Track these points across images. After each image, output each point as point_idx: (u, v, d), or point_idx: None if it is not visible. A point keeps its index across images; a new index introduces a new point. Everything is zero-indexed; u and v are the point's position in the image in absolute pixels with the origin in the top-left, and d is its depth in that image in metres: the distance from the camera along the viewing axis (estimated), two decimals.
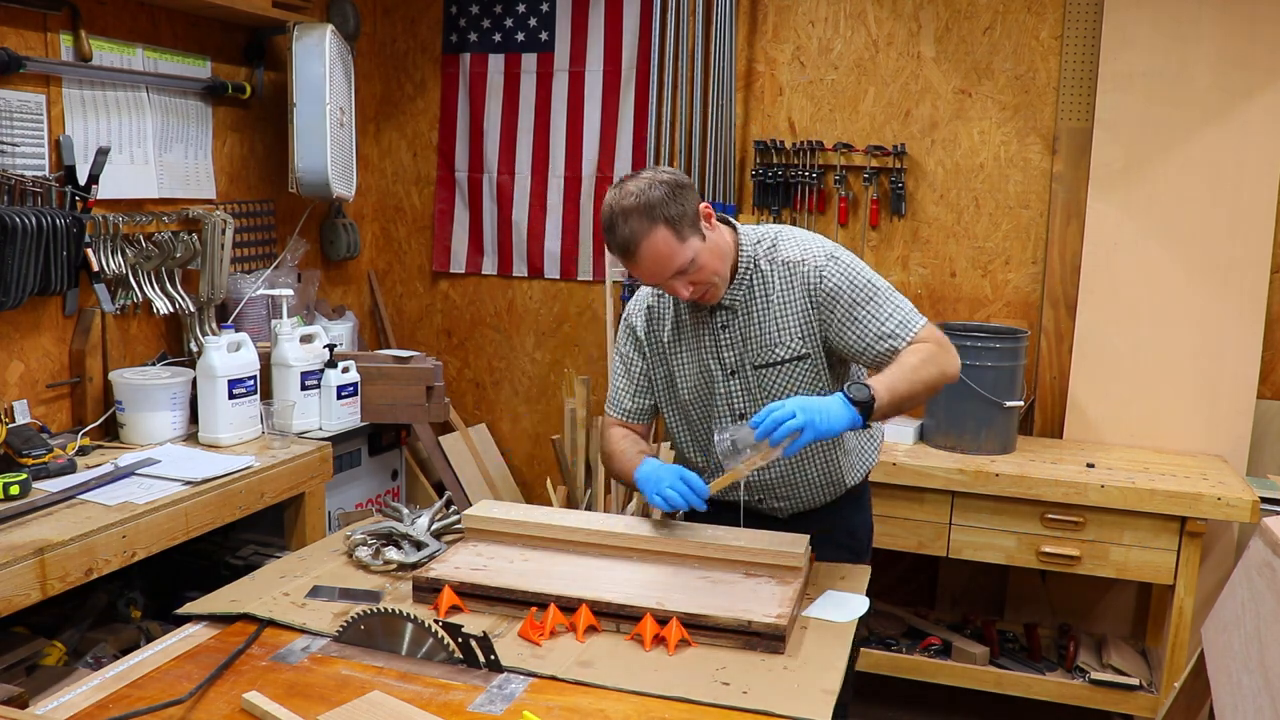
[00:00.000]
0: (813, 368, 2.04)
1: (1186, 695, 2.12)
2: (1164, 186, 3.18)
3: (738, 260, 2.02)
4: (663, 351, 2.14)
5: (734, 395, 2.08)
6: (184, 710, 1.43)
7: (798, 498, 2.15)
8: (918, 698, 3.38)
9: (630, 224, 1.86)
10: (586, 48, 3.79)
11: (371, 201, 4.15)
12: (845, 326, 1.99)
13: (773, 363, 2.03)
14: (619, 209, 1.88)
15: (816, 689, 1.53)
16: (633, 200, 1.87)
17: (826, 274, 1.99)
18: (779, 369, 2.03)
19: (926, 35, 3.43)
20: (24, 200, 2.58)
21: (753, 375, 2.05)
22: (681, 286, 1.93)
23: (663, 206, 1.86)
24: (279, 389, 2.98)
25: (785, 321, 2.02)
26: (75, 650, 2.42)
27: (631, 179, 1.92)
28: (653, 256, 1.88)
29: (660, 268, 1.89)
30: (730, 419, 2.08)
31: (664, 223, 1.86)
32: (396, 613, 1.61)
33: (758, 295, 2.03)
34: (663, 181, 1.89)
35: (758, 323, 2.03)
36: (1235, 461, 3.15)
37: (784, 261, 2.02)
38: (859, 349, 2.00)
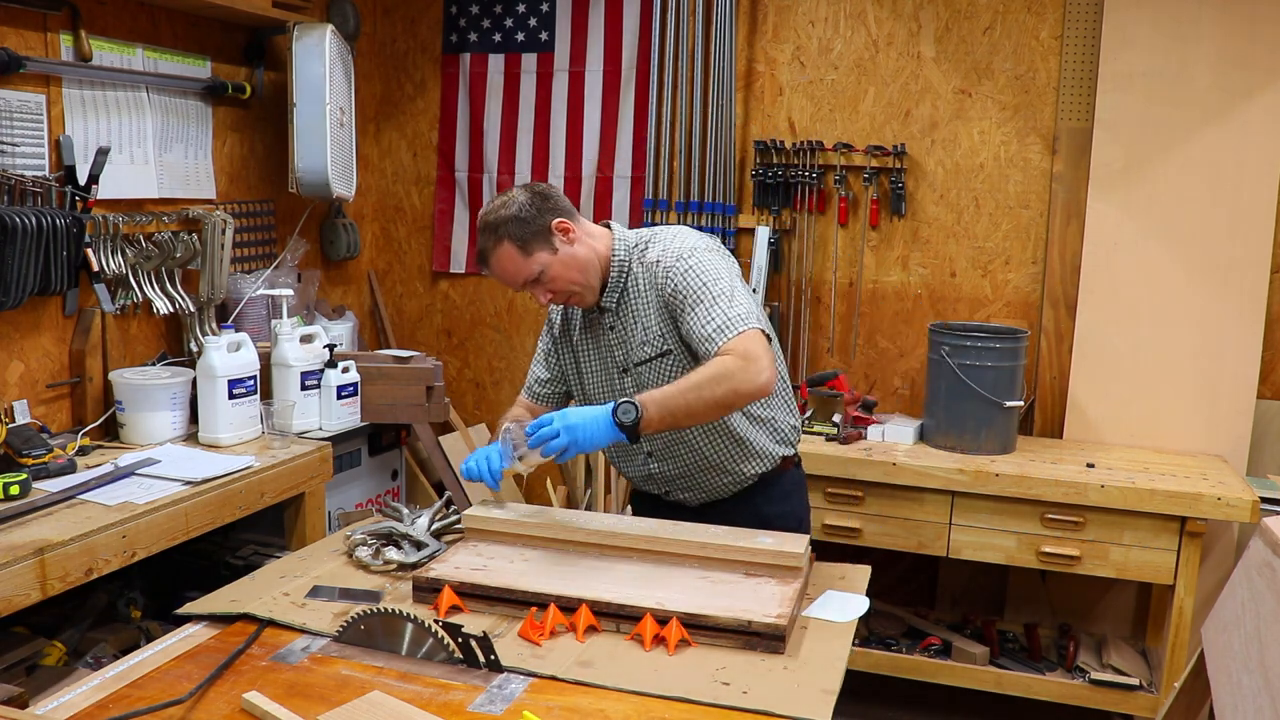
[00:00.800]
0: (677, 362, 2.11)
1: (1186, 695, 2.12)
2: (1164, 186, 3.18)
3: (612, 264, 2.14)
4: (572, 348, 2.27)
5: (627, 390, 2.17)
6: (184, 710, 1.43)
7: (700, 489, 2.21)
8: (918, 698, 3.38)
9: (483, 238, 2.08)
10: (586, 48, 3.79)
11: (371, 201, 4.15)
12: (681, 325, 2.08)
13: (644, 360, 2.14)
14: (480, 224, 2.09)
15: (816, 689, 1.53)
16: (486, 218, 2.07)
17: (672, 274, 2.07)
18: (650, 365, 2.13)
19: (926, 35, 3.43)
20: (24, 200, 2.58)
21: (633, 372, 2.16)
22: (539, 293, 2.10)
23: (508, 225, 2.04)
24: (279, 389, 2.98)
25: (648, 320, 2.13)
26: (75, 650, 2.41)
27: (499, 195, 2.12)
28: (499, 269, 2.08)
29: (509, 278, 2.09)
30: None
31: (508, 239, 2.04)
32: (396, 613, 1.61)
33: (630, 296, 2.15)
34: (517, 201, 2.06)
35: (634, 322, 2.14)
36: (1235, 461, 3.15)
37: (648, 262, 2.13)
38: (693, 348, 2.07)
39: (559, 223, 2.09)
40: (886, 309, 3.59)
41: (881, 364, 3.63)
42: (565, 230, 2.09)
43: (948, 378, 3.10)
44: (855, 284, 3.59)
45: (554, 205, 2.10)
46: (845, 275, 3.60)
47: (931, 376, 3.20)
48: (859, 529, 3.10)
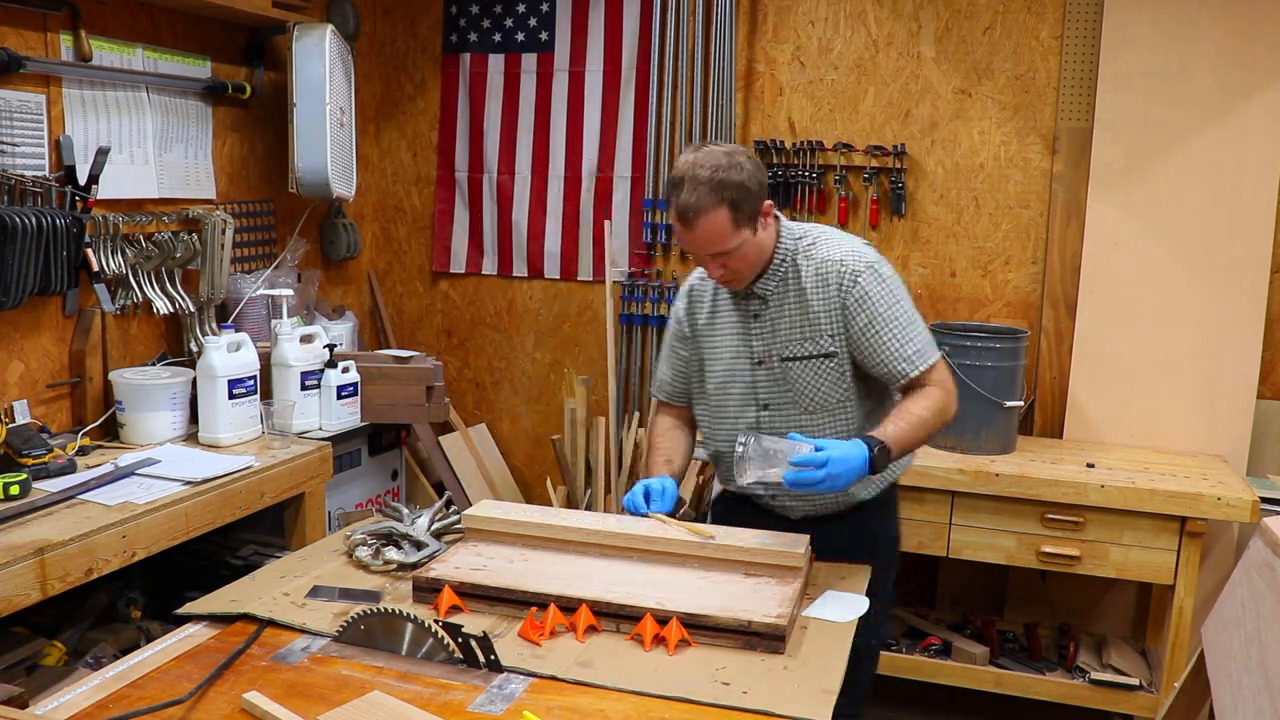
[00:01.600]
0: (839, 367, 2.07)
1: (1186, 695, 2.12)
2: (1164, 186, 3.18)
3: (775, 251, 2.06)
4: (698, 335, 2.19)
5: (759, 384, 2.11)
6: (184, 710, 1.43)
7: (810, 501, 2.16)
8: (918, 698, 3.38)
9: (698, 193, 1.90)
10: (586, 48, 3.79)
11: (371, 201, 4.16)
12: (864, 338, 2.03)
13: (799, 356, 2.06)
14: (693, 174, 1.90)
15: (816, 689, 1.53)
16: (708, 172, 1.90)
17: (861, 280, 2.02)
18: (805, 364, 2.06)
19: (926, 35, 3.43)
20: (24, 200, 2.58)
21: (779, 367, 2.08)
22: (715, 266, 1.99)
23: (734, 190, 1.91)
24: (279, 389, 2.98)
25: (816, 317, 2.05)
26: (75, 650, 2.42)
27: (718, 146, 1.95)
28: (705, 232, 1.92)
29: (705, 243, 1.94)
30: (754, 408, 2.12)
31: (728, 205, 1.91)
32: (396, 613, 1.61)
33: (790, 288, 2.06)
34: (743, 165, 1.92)
35: (788, 315, 2.07)
36: (1235, 461, 3.15)
37: (822, 259, 2.05)
38: (871, 362, 2.05)
39: (768, 205, 2.00)
40: None
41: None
42: (768, 214, 2.01)
43: None
44: None
45: (766, 182, 2.01)
46: None
47: None
48: None
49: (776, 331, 2.08)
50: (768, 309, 2.08)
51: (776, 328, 2.08)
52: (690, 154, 1.95)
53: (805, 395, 2.08)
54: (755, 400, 2.12)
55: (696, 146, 1.97)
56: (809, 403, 2.09)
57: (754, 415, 2.13)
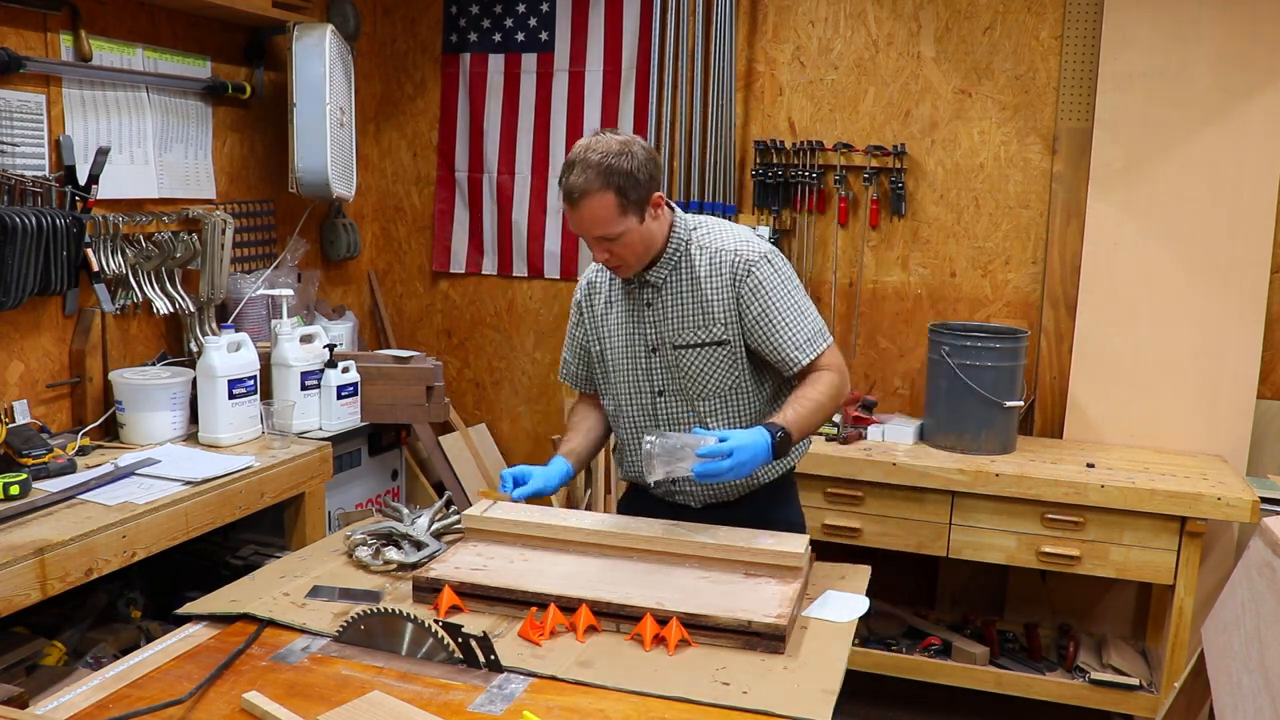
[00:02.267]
0: (730, 354, 2.09)
1: (1186, 695, 2.12)
2: (1164, 186, 3.18)
3: (669, 240, 2.08)
4: (596, 324, 2.22)
5: (654, 371, 2.14)
6: (184, 710, 1.43)
7: (708, 489, 2.17)
8: (918, 698, 3.38)
9: (586, 175, 1.94)
10: (586, 48, 3.79)
11: (371, 201, 4.16)
12: (758, 327, 2.06)
13: (692, 344, 2.09)
14: (584, 158, 1.96)
15: (816, 689, 1.53)
16: (598, 156, 1.95)
17: (755, 270, 2.06)
18: (697, 351, 2.09)
19: (926, 35, 3.43)
20: (24, 200, 2.58)
21: (672, 354, 2.11)
22: (600, 250, 2.02)
23: (621, 177, 1.94)
24: (279, 389, 2.98)
25: (709, 306, 2.07)
26: (75, 650, 2.42)
27: (614, 134, 2.00)
28: (590, 213, 1.96)
29: (590, 225, 1.98)
30: (650, 394, 2.15)
31: (615, 191, 1.94)
32: (396, 613, 1.61)
33: (683, 276, 2.09)
34: (634, 154, 1.96)
35: (681, 303, 2.09)
36: (1235, 461, 3.15)
37: (716, 248, 2.08)
38: (765, 350, 2.08)
39: (658, 196, 2.02)
40: (886, 309, 3.59)
41: (881, 364, 3.63)
42: (658, 205, 2.03)
43: (948, 378, 3.11)
44: (855, 284, 3.59)
45: (659, 174, 2.04)
46: (845, 275, 3.60)
47: (931, 376, 3.20)
48: (859, 529, 3.10)
49: (668, 319, 2.10)
50: (660, 297, 2.10)
51: (668, 315, 2.10)
52: (586, 139, 2.00)
53: (698, 382, 2.11)
54: (651, 387, 2.15)
55: (595, 133, 2.02)
56: (702, 389, 2.11)
57: (649, 401, 2.16)
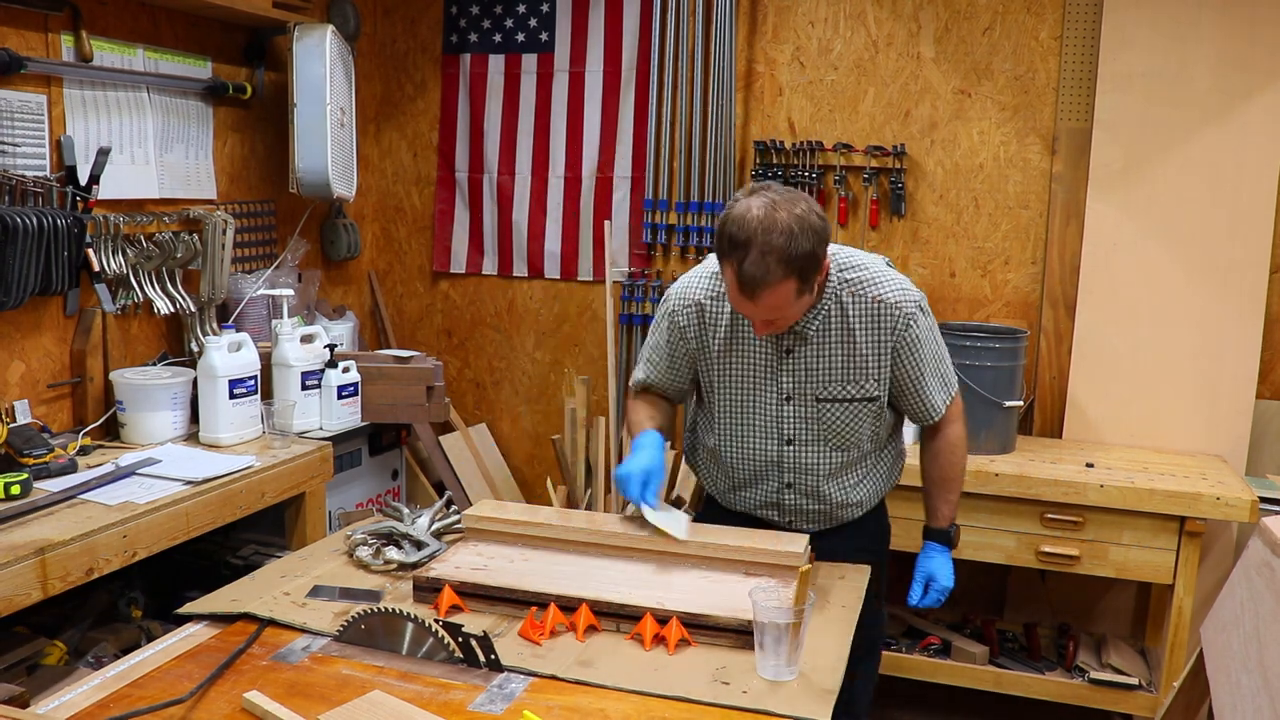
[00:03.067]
0: (877, 410, 2.03)
1: (1186, 695, 2.12)
2: (1164, 187, 3.19)
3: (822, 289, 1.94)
4: (709, 356, 2.06)
5: (785, 420, 2.04)
6: (185, 710, 1.43)
7: (828, 519, 2.14)
8: (917, 697, 3.38)
9: (767, 265, 1.73)
10: (586, 48, 3.80)
11: (372, 201, 4.16)
12: (908, 380, 2.03)
13: (839, 399, 2.00)
14: (765, 241, 1.72)
15: (816, 689, 1.54)
16: (782, 240, 1.72)
17: (914, 324, 1.98)
18: (844, 406, 2.01)
19: (926, 36, 3.44)
20: (25, 200, 2.58)
21: (813, 407, 2.01)
22: (762, 328, 1.89)
23: (805, 261, 1.75)
24: (279, 389, 2.99)
25: (863, 360, 1.98)
26: (76, 650, 2.42)
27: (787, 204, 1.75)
28: (769, 303, 1.79)
29: (765, 312, 1.82)
30: (777, 442, 2.06)
31: (797, 278, 1.76)
32: (397, 612, 1.61)
33: (834, 327, 1.97)
34: (813, 229, 1.76)
35: (830, 354, 1.98)
36: (1234, 461, 3.15)
37: (873, 298, 1.96)
38: (907, 403, 2.08)
39: (826, 262, 1.86)
40: None
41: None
42: (826, 271, 1.88)
43: None
44: None
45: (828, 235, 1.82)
46: None
47: None
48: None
49: (813, 370, 1.99)
50: (805, 346, 1.98)
51: (813, 366, 1.98)
52: (759, 209, 1.74)
53: (839, 435, 2.04)
54: (779, 435, 2.05)
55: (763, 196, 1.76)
56: (840, 441, 2.05)
57: (775, 449, 2.07)
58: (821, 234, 1.78)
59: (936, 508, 2.18)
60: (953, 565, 2.17)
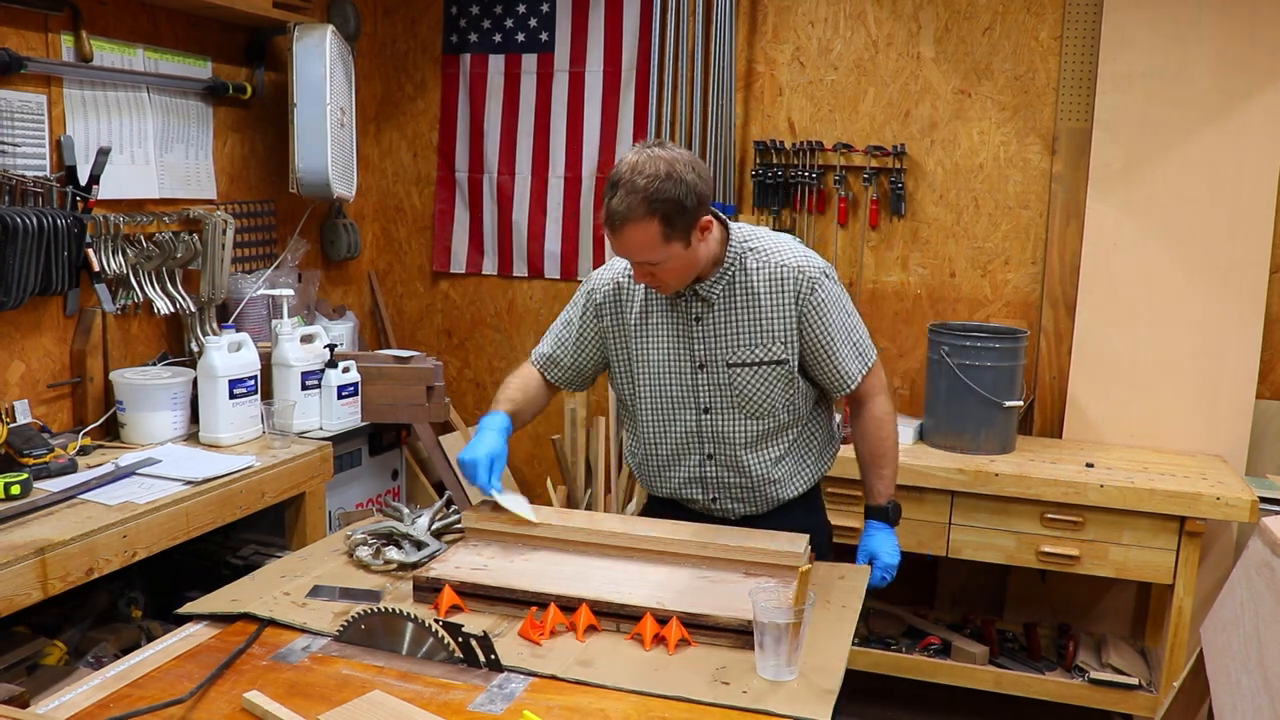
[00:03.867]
0: (787, 374, 2.05)
1: (1186, 695, 2.12)
2: (1164, 187, 3.19)
3: (723, 254, 2.01)
4: (626, 332, 2.11)
5: (700, 388, 2.07)
6: (185, 710, 1.43)
7: (753, 501, 2.14)
8: (917, 697, 3.38)
9: (629, 202, 1.83)
10: (586, 48, 3.80)
11: (372, 201, 4.16)
12: (817, 346, 2.03)
13: (748, 363, 2.03)
14: (630, 180, 1.83)
15: (816, 689, 1.54)
16: (644, 180, 1.82)
17: (819, 288, 2.01)
18: (753, 370, 2.03)
19: (926, 36, 3.44)
20: (25, 200, 2.58)
21: (724, 372, 2.04)
22: (641, 273, 1.95)
23: (667, 205, 1.83)
24: (279, 389, 2.99)
25: (769, 324, 2.01)
26: (76, 650, 2.42)
27: (662, 150, 1.86)
28: (632, 240, 1.87)
29: (631, 251, 1.90)
30: (694, 411, 2.09)
31: (660, 219, 1.84)
32: (397, 612, 1.61)
33: (739, 292, 2.02)
34: (682, 179, 1.84)
35: (736, 319, 2.02)
36: (1234, 461, 3.15)
37: (777, 263, 2.01)
38: (819, 371, 2.07)
39: (706, 220, 1.92)
40: (886, 309, 3.59)
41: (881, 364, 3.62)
42: (706, 229, 1.94)
43: (947, 378, 3.11)
44: (855, 284, 3.59)
45: (709, 194, 1.91)
46: (845, 275, 3.60)
47: (931, 376, 3.20)
48: (859, 529, 3.09)
49: (721, 335, 2.03)
50: (712, 311, 2.02)
51: (721, 331, 2.03)
52: (634, 155, 1.87)
53: (753, 400, 2.05)
54: (696, 404, 2.08)
55: (644, 145, 1.88)
56: (755, 408, 2.06)
57: (694, 419, 2.09)
58: (693, 187, 1.85)
59: (873, 485, 2.16)
60: (896, 541, 2.14)
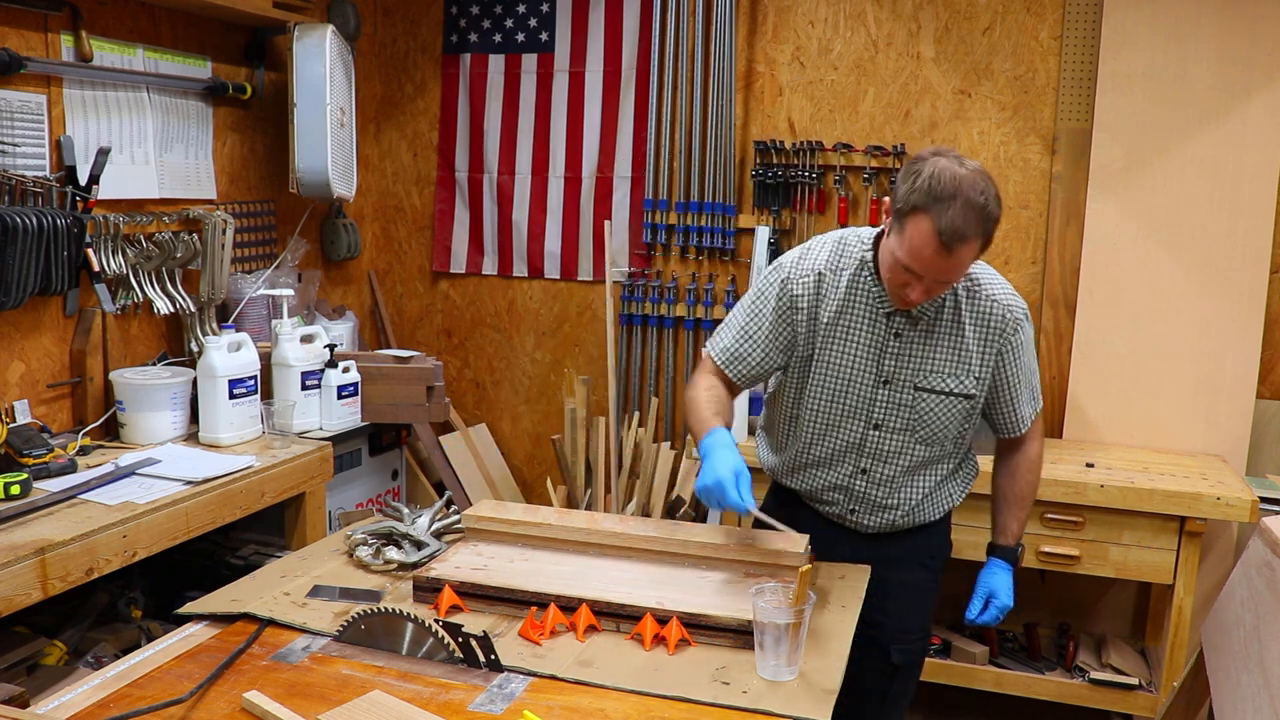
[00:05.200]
0: (970, 410, 2.00)
1: (1186, 695, 2.12)
2: (1164, 186, 3.19)
3: None
4: (815, 330, 2.00)
5: (877, 404, 1.99)
6: (184, 710, 1.43)
7: (892, 521, 2.09)
8: (918, 697, 3.37)
9: (968, 219, 1.72)
10: (586, 48, 3.80)
11: (372, 201, 4.16)
12: (1004, 388, 2.01)
13: (938, 390, 1.96)
14: (969, 198, 1.72)
15: (816, 689, 1.54)
16: (982, 199, 1.73)
17: (1021, 330, 1.98)
18: (942, 399, 1.97)
19: (926, 36, 3.44)
20: (25, 200, 2.58)
21: (910, 394, 1.97)
22: (920, 294, 1.82)
23: (993, 226, 1.77)
24: (279, 389, 2.99)
25: (966, 355, 1.95)
26: (76, 650, 2.42)
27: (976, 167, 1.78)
28: (956, 260, 1.76)
29: (943, 271, 1.78)
30: (863, 424, 2.01)
31: (982, 240, 1.77)
32: (397, 612, 1.61)
33: (945, 318, 1.95)
34: (993, 196, 1.77)
35: (936, 344, 1.95)
36: (1235, 461, 3.15)
37: (987, 296, 1.95)
38: (996, 411, 2.06)
39: None
40: None
41: None
42: None
43: None
44: None
45: None
46: None
47: None
48: None
49: (918, 358, 1.95)
50: (914, 331, 1.94)
51: (918, 353, 1.95)
52: (953, 166, 1.75)
53: (929, 427, 2.00)
54: (868, 418, 2.01)
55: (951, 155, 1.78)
56: (928, 435, 2.00)
57: (860, 431, 2.02)
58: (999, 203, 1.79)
59: (1006, 524, 2.13)
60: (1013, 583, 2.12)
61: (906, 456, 2.03)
